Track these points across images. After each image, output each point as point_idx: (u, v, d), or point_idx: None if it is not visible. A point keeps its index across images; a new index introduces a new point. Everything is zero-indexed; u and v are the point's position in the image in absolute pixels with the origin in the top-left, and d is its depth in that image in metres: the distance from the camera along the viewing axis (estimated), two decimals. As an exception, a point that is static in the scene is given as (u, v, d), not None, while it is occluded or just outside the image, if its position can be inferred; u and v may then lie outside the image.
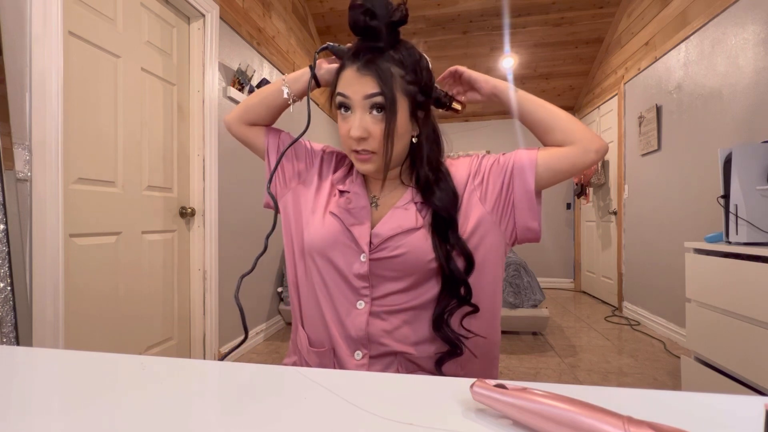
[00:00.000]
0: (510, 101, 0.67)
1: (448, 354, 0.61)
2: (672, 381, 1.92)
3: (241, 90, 2.28)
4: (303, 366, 0.68)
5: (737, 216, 1.39)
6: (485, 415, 0.33)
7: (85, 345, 1.42)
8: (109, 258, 1.53)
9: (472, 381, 0.34)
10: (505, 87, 0.67)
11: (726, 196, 1.44)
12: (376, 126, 0.59)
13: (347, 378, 0.42)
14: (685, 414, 0.34)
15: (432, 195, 0.63)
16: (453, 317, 0.62)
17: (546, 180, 0.64)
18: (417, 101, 0.61)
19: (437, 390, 0.38)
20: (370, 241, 0.62)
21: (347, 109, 0.61)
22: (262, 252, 0.62)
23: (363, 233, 0.63)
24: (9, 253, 1.05)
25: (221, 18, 2.10)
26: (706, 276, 1.51)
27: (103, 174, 1.50)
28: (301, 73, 0.70)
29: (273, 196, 0.68)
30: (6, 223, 1.05)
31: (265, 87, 0.74)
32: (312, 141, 0.78)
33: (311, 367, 0.59)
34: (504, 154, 0.67)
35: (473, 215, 0.64)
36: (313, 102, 3.57)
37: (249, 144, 0.77)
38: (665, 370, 2.05)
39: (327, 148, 0.76)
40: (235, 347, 0.62)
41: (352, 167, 0.72)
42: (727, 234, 1.44)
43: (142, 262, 1.69)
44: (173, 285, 1.89)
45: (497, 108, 4.52)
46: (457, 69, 0.70)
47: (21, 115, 1.16)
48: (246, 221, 2.37)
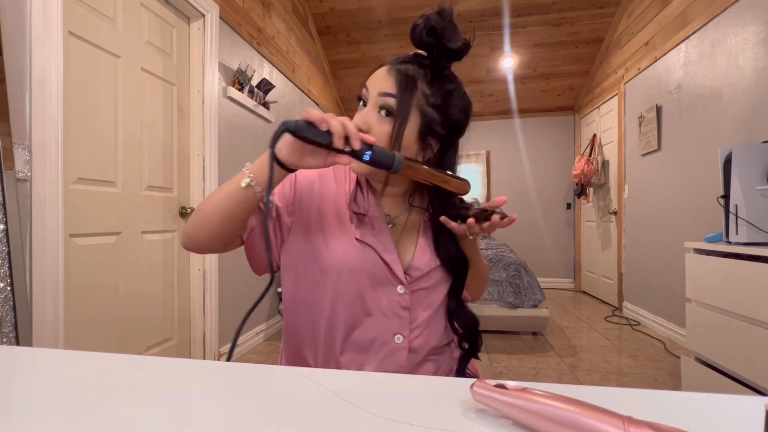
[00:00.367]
0: (476, 255, 0.68)
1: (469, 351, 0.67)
2: (672, 381, 1.92)
3: (241, 90, 2.28)
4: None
5: (737, 216, 1.39)
6: (485, 415, 0.33)
7: (85, 345, 1.42)
8: (109, 258, 1.53)
9: (472, 381, 0.34)
10: (480, 256, 0.70)
11: (726, 196, 1.44)
12: (378, 125, 0.58)
13: (347, 378, 0.42)
14: (685, 414, 0.34)
15: (444, 245, 0.65)
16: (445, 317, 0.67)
17: None
18: (431, 126, 0.59)
19: (437, 390, 0.38)
20: (405, 273, 0.63)
21: (365, 104, 0.61)
22: (268, 286, 0.52)
23: (394, 262, 0.62)
24: (9, 253, 1.05)
25: (221, 18, 2.10)
26: (706, 276, 1.51)
27: (103, 174, 1.50)
28: (265, 159, 0.54)
29: (277, 265, 0.65)
30: (6, 223, 1.05)
31: (221, 187, 0.57)
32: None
33: (311, 368, 0.59)
34: None
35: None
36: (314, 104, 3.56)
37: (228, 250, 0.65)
38: (665, 370, 2.05)
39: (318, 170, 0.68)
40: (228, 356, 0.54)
41: (357, 183, 0.66)
42: (727, 234, 1.44)
43: (142, 262, 1.69)
44: (173, 285, 1.89)
45: (497, 108, 4.52)
46: (499, 226, 0.59)
47: (21, 115, 1.16)
48: (246, 221, 2.36)
